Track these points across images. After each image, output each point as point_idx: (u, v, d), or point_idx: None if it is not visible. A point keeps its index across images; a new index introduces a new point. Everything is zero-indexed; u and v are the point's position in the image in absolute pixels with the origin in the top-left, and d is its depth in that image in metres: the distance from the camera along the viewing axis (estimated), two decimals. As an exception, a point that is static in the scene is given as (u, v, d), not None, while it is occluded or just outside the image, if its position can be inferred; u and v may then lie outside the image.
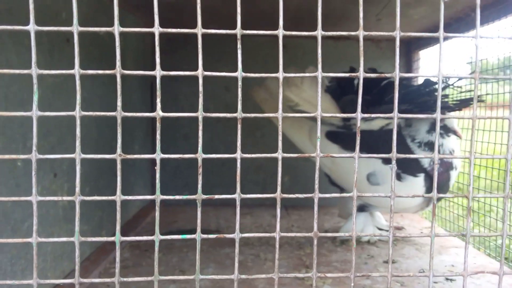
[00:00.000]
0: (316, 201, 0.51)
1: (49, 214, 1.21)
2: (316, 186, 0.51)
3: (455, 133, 1.64)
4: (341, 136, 1.75)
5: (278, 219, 0.52)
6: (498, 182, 1.88)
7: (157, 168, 0.49)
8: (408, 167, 1.64)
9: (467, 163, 0.73)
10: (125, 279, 0.51)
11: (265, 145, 2.39)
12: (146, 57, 2.26)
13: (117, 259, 0.51)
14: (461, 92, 1.72)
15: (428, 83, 1.68)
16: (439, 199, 1.82)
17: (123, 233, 1.67)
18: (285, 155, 0.52)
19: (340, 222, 2.01)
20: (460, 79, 1.69)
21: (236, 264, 0.52)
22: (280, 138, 0.51)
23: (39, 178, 1.12)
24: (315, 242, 0.51)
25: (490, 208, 2.01)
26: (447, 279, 1.34)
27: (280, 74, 0.50)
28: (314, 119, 0.53)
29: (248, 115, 0.51)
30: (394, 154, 0.54)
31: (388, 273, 0.52)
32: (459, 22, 1.87)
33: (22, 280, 1.07)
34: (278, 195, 0.51)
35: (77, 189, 0.50)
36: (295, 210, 2.26)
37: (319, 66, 0.51)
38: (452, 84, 1.70)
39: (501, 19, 1.63)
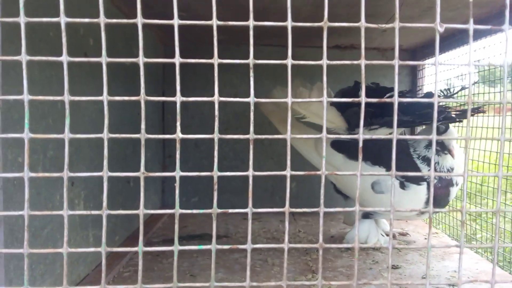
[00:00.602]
0: (321, 214, 0.56)
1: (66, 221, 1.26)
2: (322, 202, 0.55)
3: (449, 152, 1.68)
4: (346, 145, 1.80)
5: (287, 231, 0.56)
6: (505, 191, 1.92)
7: (177, 185, 0.54)
8: (412, 176, 1.69)
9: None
10: (147, 286, 0.56)
11: (273, 153, 2.44)
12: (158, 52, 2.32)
13: (140, 267, 0.56)
14: (461, 105, 1.77)
15: (429, 95, 1.73)
16: (435, 213, 1.87)
17: (135, 239, 1.72)
18: (294, 172, 0.56)
19: (346, 228, 2.06)
20: (454, 100, 1.74)
21: (248, 273, 0.56)
22: (288, 157, 0.56)
23: (58, 187, 1.18)
24: (321, 252, 0.56)
25: (493, 214, 2.05)
26: (449, 284, 1.38)
27: (289, 100, 0.55)
28: (320, 129, 0.58)
29: (260, 136, 0.56)
30: (393, 172, 0.59)
31: (388, 281, 0.57)
32: (462, 33, 1.92)
33: (42, 284, 1.12)
34: (286, 209, 0.56)
35: (104, 203, 0.55)
36: (302, 216, 2.31)
37: (325, 91, 0.56)
38: (453, 95, 1.75)
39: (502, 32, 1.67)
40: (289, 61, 0.55)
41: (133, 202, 1.79)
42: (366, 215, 1.83)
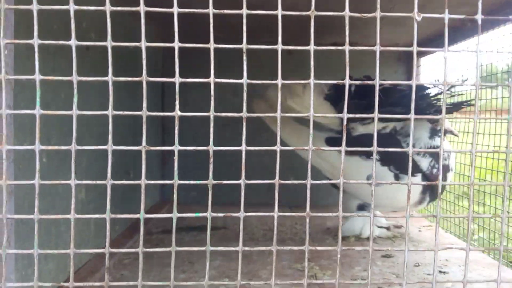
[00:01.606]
0: (308, 186, 0.61)
1: (69, 207, 1.31)
2: (309, 174, 0.61)
3: (451, 132, 1.75)
4: (340, 141, 1.84)
5: (276, 202, 0.61)
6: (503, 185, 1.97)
7: (175, 157, 0.59)
8: (405, 168, 1.74)
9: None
10: (147, 250, 0.61)
11: (271, 146, 2.49)
12: (157, 51, 2.39)
13: (141, 233, 0.61)
14: (452, 96, 1.82)
15: (420, 88, 1.79)
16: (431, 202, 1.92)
17: (135, 229, 1.77)
18: (283, 148, 0.62)
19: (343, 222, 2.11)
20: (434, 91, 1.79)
21: (241, 239, 0.61)
22: (278, 135, 0.61)
23: (61, 174, 1.23)
24: (308, 220, 0.61)
25: (495, 211, 2.09)
26: (440, 271, 1.43)
27: (279, 81, 0.61)
28: (314, 126, 0.64)
29: (252, 114, 0.61)
30: (375, 148, 0.64)
31: (369, 247, 0.62)
32: (456, 32, 1.97)
33: (45, 266, 1.17)
34: (276, 180, 0.61)
35: (109, 174, 0.60)
36: (299, 209, 2.35)
37: (312, 75, 0.61)
38: (447, 91, 1.81)
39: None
40: (279, 46, 0.60)
41: (133, 193, 1.84)
42: (361, 207, 1.88)
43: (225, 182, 0.61)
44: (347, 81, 0.61)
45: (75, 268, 1.34)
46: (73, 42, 0.59)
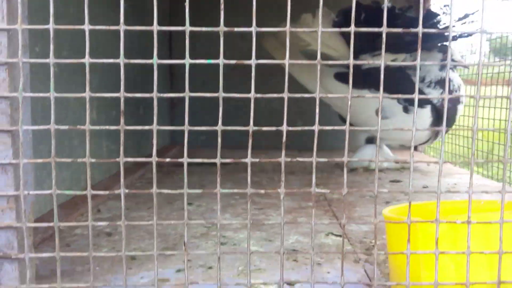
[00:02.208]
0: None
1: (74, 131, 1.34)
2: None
3: (460, 64, 1.77)
4: (348, 76, 1.86)
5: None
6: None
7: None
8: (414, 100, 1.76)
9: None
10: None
11: (279, 91, 2.49)
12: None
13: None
14: (463, 23, 1.80)
15: (430, 15, 1.77)
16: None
17: (143, 167, 1.80)
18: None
19: (351, 156, 2.15)
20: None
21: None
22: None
23: (73, 87, 1.26)
24: (318, 69, 0.63)
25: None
26: (449, 192, 1.49)
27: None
28: (325, 59, 0.65)
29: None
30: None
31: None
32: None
33: (60, 175, 1.21)
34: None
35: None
36: (308, 152, 2.39)
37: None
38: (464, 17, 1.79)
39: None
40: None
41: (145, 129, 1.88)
42: (371, 140, 1.91)
43: (236, 29, 0.62)
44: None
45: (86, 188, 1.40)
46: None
